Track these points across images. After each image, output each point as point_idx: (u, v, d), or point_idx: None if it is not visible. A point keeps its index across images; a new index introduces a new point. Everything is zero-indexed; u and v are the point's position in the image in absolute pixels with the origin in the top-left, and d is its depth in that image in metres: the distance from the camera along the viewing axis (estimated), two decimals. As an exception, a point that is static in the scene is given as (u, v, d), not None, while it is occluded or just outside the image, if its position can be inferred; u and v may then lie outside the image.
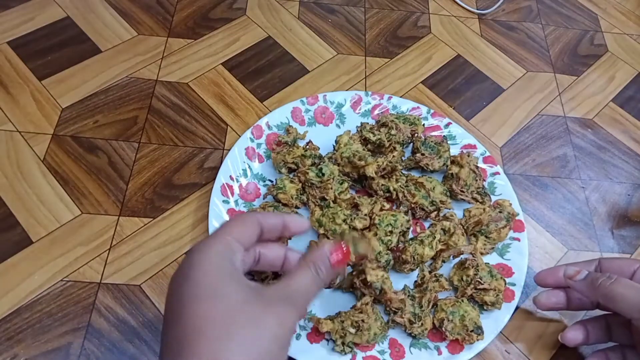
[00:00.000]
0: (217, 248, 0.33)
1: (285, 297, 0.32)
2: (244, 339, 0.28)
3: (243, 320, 0.29)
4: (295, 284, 0.33)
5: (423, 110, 0.67)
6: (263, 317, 0.30)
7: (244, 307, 0.30)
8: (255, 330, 0.29)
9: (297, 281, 0.33)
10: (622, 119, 0.75)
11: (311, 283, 0.34)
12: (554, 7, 0.89)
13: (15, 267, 0.53)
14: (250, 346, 0.28)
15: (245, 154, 0.61)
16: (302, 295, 0.33)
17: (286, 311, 0.31)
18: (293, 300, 0.32)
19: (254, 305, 0.30)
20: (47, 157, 0.61)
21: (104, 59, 0.71)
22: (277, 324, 0.30)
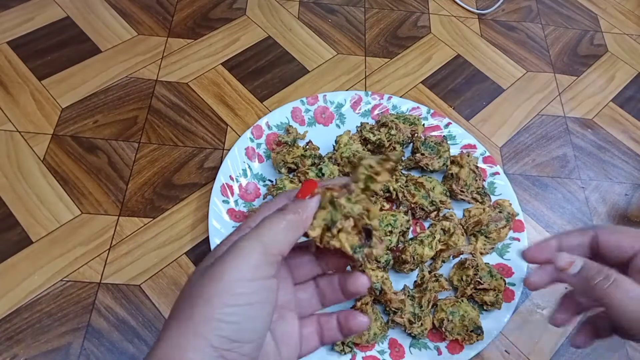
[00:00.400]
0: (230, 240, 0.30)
1: (229, 250, 0.28)
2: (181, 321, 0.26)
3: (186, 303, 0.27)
4: (251, 231, 0.29)
5: (423, 110, 0.67)
6: (202, 286, 0.27)
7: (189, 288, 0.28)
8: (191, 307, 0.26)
9: (264, 223, 0.29)
10: (622, 119, 0.75)
11: (273, 220, 0.28)
12: (554, 7, 0.89)
13: (15, 267, 0.53)
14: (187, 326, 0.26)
15: (245, 154, 0.61)
16: (257, 233, 0.28)
17: (229, 262, 0.27)
18: (241, 249, 0.27)
19: (196, 281, 0.28)
20: (47, 157, 0.61)
21: (104, 59, 0.71)
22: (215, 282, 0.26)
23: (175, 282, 0.54)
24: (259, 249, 0.27)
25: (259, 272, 0.27)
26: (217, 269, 0.27)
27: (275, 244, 0.28)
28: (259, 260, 0.27)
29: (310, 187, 0.30)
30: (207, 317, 0.26)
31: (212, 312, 0.26)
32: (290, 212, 0.29)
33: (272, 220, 0.29)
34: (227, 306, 0.26)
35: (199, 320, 0.26)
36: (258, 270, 0.27)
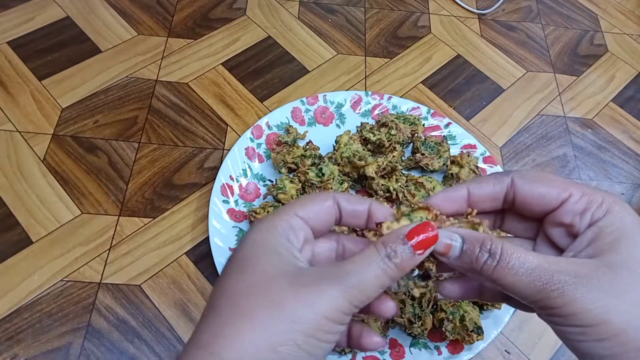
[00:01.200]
0: (273, 223, 0.28)
1: (332, 277, 0.25)
2: (254, 318, 0.24)
3: (260, 298, 0.24)
4: (352, 263, 0.26)
5: (423, 110, 0.67)
6: (286, 295, 0.24)
7: (267, 283, 0.25)
8: (275, 311, 0.24)
9: (354, 261, 0.26)
10: (622, 119, 0.75)
11: (374, 265, 0.25)
12: (554, 7, 0.89)
13: (15, 267, 0.53)
14: (259, 328, 0.24)
15: (245, 154, 0.61)
16: (357, 277, 0.25)
17: (324, 292, 0.24)
18: (341, 280, 0.25)
19: (281, 282, 0.25)
20: (47, 157, 0.61)
21: (104, 59, 0.71)
22: (304, 306, 0.24)
23: (175, 282, 0.54)
24: (354, 300, 0.25)
25: (343, 319, 0.25)
26: (310, 293, 0.25)
27: (367, 300, 0.25)
28: (349, 309, 0.25)
29: (427, 234, 0.26)
30: (287, 337, 0.24)
31: (295, 335, 0.24)
32: (393, 263, 0.26)
33: (373, 267, 0.25)
34: (310, 337, 0.24)
35: (277, 336, 0.24)
36: (344, 318, 0.25)
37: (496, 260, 0.25)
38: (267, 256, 0.26)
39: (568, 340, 0.25)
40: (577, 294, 0.24)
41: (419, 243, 0.26)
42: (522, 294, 0.25)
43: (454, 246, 0.27)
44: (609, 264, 0.25)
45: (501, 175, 0.29)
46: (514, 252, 0.25)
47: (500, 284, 0.25)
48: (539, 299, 0.24)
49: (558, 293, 0.24)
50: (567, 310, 0.24)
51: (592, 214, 0.27)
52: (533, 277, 0.24)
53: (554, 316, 0.24)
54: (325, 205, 0.29)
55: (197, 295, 0.54)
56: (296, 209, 0.28)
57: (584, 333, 0.24)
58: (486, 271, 0.26)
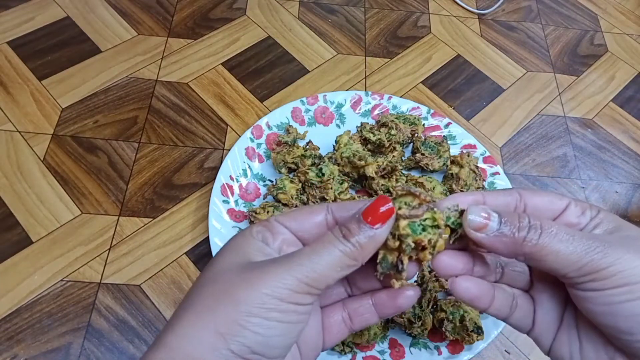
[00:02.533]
0: (249, 228, 0.28)
1: (282, 260, 0.25)
2: (203, 306, 0.25)
3: (211, 287, 0.25)
4: (307, 247, 0.26)
5: (423, 110, 0.67)
6: (235, 281, 0.25)
7: (221, 274, 0.26)
8: (220, 296, 0.25)
9: (310, 245, 0.26)
10: (622, 119, 0.75)
11: (330, 247, 0.25)
12: (554, 7, 0.89)
13: (15, 267, 0.53)
14: (206, 314, 0.24)
15: (245, 154, 0.61)
16: (308, 257, 0.25)
17: (271, 272, 0.25)
18: (289, 260, 0.25)
19: (234, 272, 0.25)
20: (47, 157, 0.61)
21: (104, 59, 0.71)
22: (249, 287, 0.24)
23: (175, 282, 0.54)
24: (305, 278, 0.25)
25: (294, 298, 0.25)
26: (255, 276, 0.25)
27: (323, 279, 0.25)
28: (299, 288, 0.25)
29: (382, 210, 0.26)
30: (231, 319, 0.24)
31: (239, 316, 0.24)
32: (350, 242, 0.25)
33: (328, 247, 0.26)
34: (254, 316, 0.24)
35: (222, 319, 0.24)
36: (294, 296, 0.25)
37: (539, 232, 0.26)
38: (229, 253, 0.27)
39: (610, 305, 0.25)
40: (619, 254, 0.25)
41: (373, 218, 0.26)
42: (566, 263, 0.25)
43: (491, 222, 0.26)
44: (625, 237, 0.26)
45: (507, 190, 0.30)
46: (552, 224, 0.26)
47: (543, 255, 0.26)
48: (583, 264, 0.25)
49: (603, 254, 0.25)
50: (613, 269, 0.24)
51: (590, 213, 0.28)
52: (576, 243, 0.25)
53: (599, 280, 0.25)
54: (316, 217, 0.29)
55: (197, 295, 0.54)
56: (280, 218, 0.29)
57: (631, 291, 0.24)
58: (529, 243, 0.26)
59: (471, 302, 0.29)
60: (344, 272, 0.26)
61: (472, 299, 0.29)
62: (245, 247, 0.27)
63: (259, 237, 0.28)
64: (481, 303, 0.29)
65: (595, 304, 0.25)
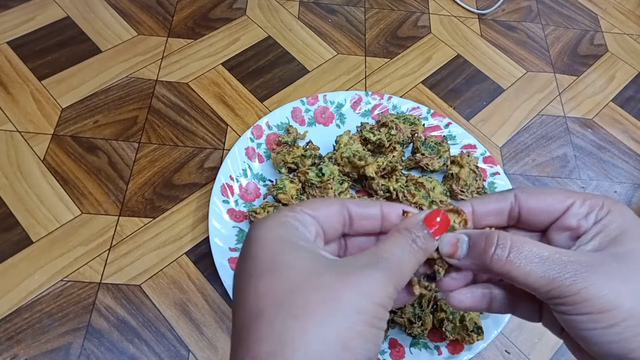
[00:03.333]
0: (281, 219, 0.27)
1: (372, 263, 0.25)
2: (315, 316, 0.23)
3: (312, 294, 0.23)
4: (385, 248, 0.26)
5: (423, 110, 0.67)
6: (339, 288, 0.24)
7: (312, 278, 0.24)
8: (329, 304, 0.23)
9: (387, 245, 0.26)
10: (622, 119, 0.75)
11: (406, 249, 0.26)
12: (554, 7, 0.89)
13: (15, 267, 0.53)
14: (324, 326, 0.22)
15: (245, 154, 0.61)
16: (395, 260, 0.25)
17: (372, 278, 0.24)
18: (382, 266, 0.25)
19: (325, 275, 0.24)
20: (47, 157, 0.61)
21: (104, 59, 0.71)
22: (360, 295, 0.23)
23: (175, 282, 0.54)
24: (396, 282, 0.25)
25: (390, 303, 0.25)
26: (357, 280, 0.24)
27: (405, 280, 0.26)
28: (394, 294, 0.25)
29: (443, 219, 0.27)
30: (356, 329, 0.23)
31: (361, 327, 0.23)
32: (420, 246, 0.26)
33: (409, 253, 0.26)
34: (374, 327, 0.24)
35: (346, 329, 0.23)
36: (390, 302, 0.25)
37: (507, 252, 0.26)
38: (294, 251, 0.25)
39: (579, 330, 0.25)
40: (589, 281, 0.24)
41: (435, 228, 0.27)
42: (535, 285, 0.25)
43: (461, 245, 0.27)
44: (615, 254, 0.25)
45: (504, 192, 0.30)
46: (525, 243, 0.26)
47: (512, 275, 0.25)
48: (552, 288, 0.25)
49: (571, 281, 0.24)
50: (579, 297, 0.24)
51: (596, 214, 0.27)
52: (546, 266, 0.25)
53: (566, 305, 0.25)
54: (333, 207, 0.29)
55: (197, 295, 0.54)
56: (303, 207, 0.28)
57: (595, 320, 0.24)
58: (497, 263, 0.26)
59: (469, 310, 0.30)
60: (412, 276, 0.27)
61: (468, 308, 0.30)
62: (298, 242, 0.26)
63: (297, 227, 0.27)
64: (478, 308, 0.30)
65: (566, 325, 0.25)
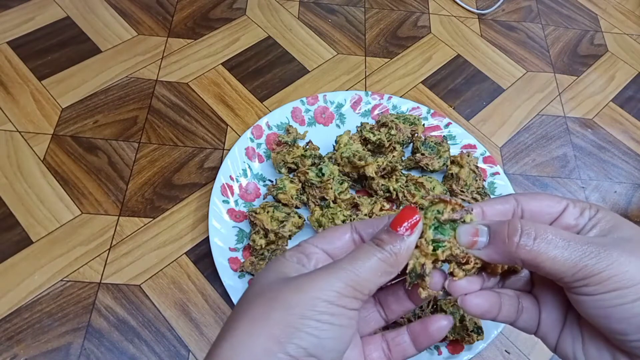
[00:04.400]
0: (283, 254, 0.30)
1: (327, 267, 0.27)
2: (254, 316, 0.25)
3: (260, 298, 0.26)
4: (348, 256, 0.27)
5: (423, 110, 0.67)
6: (283, 289, 0.26)
7: (268, 285, 0.27)
8: (270, 304, 0.25)
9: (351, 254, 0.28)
10: (622, 119, 0.75)
11: (369, 254, 0.27)
12: (554, 7, 0.89)
13: (15, 267, 0.53)
14: (260, 323, 0.25)
15: (245, 154, 0.61)
16: (351, 263, 0.26)
17: (319, 277, 0.26)
18: (335, 266, 0.26)
19: (280, 283, 0.26)
20: (47, 157, 0.61)
21: (104, 59, 0.71)
22: (298, 291, 0.25)
23: (175, 282, 0.54)
24: (350, 281, 0.26)
25: (343, 301, 0.26)
26: (304, 282, 0.26)
27: (366, 283, 0.26)
28: (347, 291, 0.26)
29: (409, 217, 0.27)
30: (287, 323, 0.25)
31: (293, 319, 0.25)
32: (385, 250, 0.27)
33: (367, 254, 0.27)
34: (307, 318, 0.25)
35: (276, 324, 0.25)
36: (343, 300, 0.26)
37: (532, 238, 0.26)
38: (269, 274, 0.28)
39: (605, 308, 0.25)
40: (611, 258, 0.25)
41: (402, 226, 0.27)
42: (562, 268, 0.26)
43: (481, 234, 0.28)
44: (621, 238, 0.27)
45: (504, 197, 0.31)
46: (546, 230, 0.26)
47: (539, 262, 0.26)
48: (578, 270, 0.25)
49: (596, 260, 0.25)
50: (605, 275, 0.25)
51: (589, 213, 0.29)
52: (570, 249, 0.25)
53: (592, 285, 0.25)
54: (343, 237, 0.30)
55: (197, 295, 0.54)
56: (310, 239, 0.30)
57: (622, 296, 0.25)
58: (523, 250, 0.26)
59: (482, 316, 0.30)
60: (384, 278, 0.27)
61: (484, 314, 0.30)
62: (283, 268, 0.28)
63: (294, 260, 0.29)
64: (491, 315, 0.30)
65: (590, 307, 0.26)
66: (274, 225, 0.54)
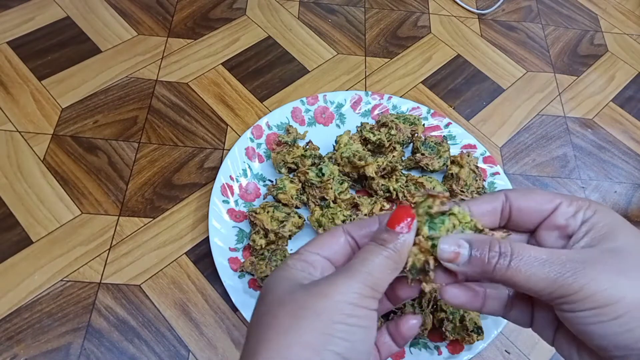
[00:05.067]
0: (285, 263, 0.30)
1: (341, 270, 0.27)
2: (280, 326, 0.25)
3: (284, 308, 0.26)
4: (355, 258, 0.28)
5: (423, 110, 0.67)
6: (306, 297, 0.26)
7: (288, 295, 0.27)
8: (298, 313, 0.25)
9: (357, 255, 0.28)
10: (622, 119, 0.75)
11: (375, 253, 0.27)
12: (554, 7, 0.89)
13: (15, 267, 0.53)
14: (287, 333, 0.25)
15: (245, 154, 0.61)
16: (363, 264, 0.27)
17: (336, 282, 0.26)
18: (349, 269, 0.27)
19: (297, 293, 0.27)
20: (47, 157, 0.61)
21: (104, 59, 0.71)
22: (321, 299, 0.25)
23: (175, 282, 0.54)
24: (368, 281, 0.26)
25: (364, 302, 0.26)
26: (325, 288, 0.26)
27: (380, 281, 0.27)
28: (365, 292, 0.26)
29: (404, 216, 0.28)
30: (319, 331, 0.25)
31: (325, 326, 0.25)
32: (389, 248, 0.28)
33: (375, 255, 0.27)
34: (337, 323, 0.25)
35: (308, 333, 0.25)
36: (364, 300, 0.26)
37: (508, 259, 0.26)
38: (281, 283, 0.28)
39: (585, 325, 0.25)
40: (589, 277, 0.24)
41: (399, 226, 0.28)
42: (537, 287, 0.25)
43: (462, 253, 0.28)
44: (609, 250, 0.26)
45: (494, 193, 0.31)
46: (524, 249, 0.26)
47: (515, 281, 0.26)
48: (555, 289, 0.25)
49: (572, 279, 0.25)
50: (582, 294, 0.24)
51: (584, 213, 0.28)
52: (546, 269, 0.25)
53: (570, 303, 0.25)
54: (335, 238, 0.30)
55: (197, 295, 0.54)
56: (308, 247, 0.30)
57: (600, 314, 0.24)
58: (499, 271, 0.26)
59: (461, 306, 0.30)
60: (393, 275, 0.28)
61: (462, 304, 0.30)
62: (292, 276, 0.28)
63: (298, 268, 0.29)
64: (472, 306, 0.30)
65: (571, 323, 0.26)
66: (274, 225, 0.54)
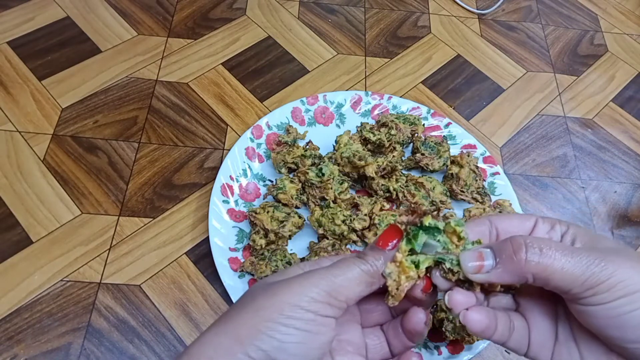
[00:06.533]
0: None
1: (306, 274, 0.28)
2: (227, 318, 0.27)
3: (240, 303, 0.28)
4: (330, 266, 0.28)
5: (423, 110, 0.67)
6: (259, 295, 0.27)
7: (247, 294, 0.28)
8: (243, 307, 0.27)
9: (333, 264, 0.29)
10: (622, 119, 0.75)
11: (351, 266, 0.28)
12: (554, 7, 0.89)
13: (15, 267, 0.53)
14: (230, 324, 0.26)
15: (245, 154, 0.61)
16: (331, 272, 0.27)
17: (294, 283, 0.27)
18: (313, 274, 0.27)
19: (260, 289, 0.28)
20: (47, 157, 0.61)
21: (104, 59, 0.71)
22: (270, 296, 0.26)
23: (175, 282, 0.54)
24: (325, 287, 0.27)
25: (315, 307, 0.26)
26: (277, 287, 0.27)
27: (343, 290, 0.27)
28: (320, 296, 0.26)
29: (393, 235, 0.29)
30: (251, 325, 0.26)
31: (258, 322, 0.26)
32: (368, 262, 0.28)
33: (349, 265, 0.28)
34: (273, 321, 0.26)
35: (241, 325, 0.26)
36: (315, 305, 0.26)
37: (538, 252, 0.26)
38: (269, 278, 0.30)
39: (613, 317, 0.25)
40: (615, 265, 0.25)
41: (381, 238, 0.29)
42: (570, 278, 0.25)
43: (486, 257, 0.28)
44: (608, 249, 0.26)
45: (478, 219, 0.31)
46: (547, 241, 0.26)
47: (549, 274, 0.26)
48: (586, 279, 0.25)
49: (601, 267, 0.25)
50: (612, 281, 0.25)
51: (560, 228, 0.29)
52: (575, 259, 0.25)
53: (600, 293, 0.25)
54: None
55: (197, 295, 0.54)
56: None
57: (632, 301, 0.24)
58: (531, 265, 0.26)
59: (482, 333, 0.29)
60: (364, 289, 0.28)
61: (484, 330, 0.29)
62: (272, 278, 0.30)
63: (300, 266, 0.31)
64: (490, 331, 0.29)
65: (600, 317, 0.25)
66: (274, 225, 0.54)
